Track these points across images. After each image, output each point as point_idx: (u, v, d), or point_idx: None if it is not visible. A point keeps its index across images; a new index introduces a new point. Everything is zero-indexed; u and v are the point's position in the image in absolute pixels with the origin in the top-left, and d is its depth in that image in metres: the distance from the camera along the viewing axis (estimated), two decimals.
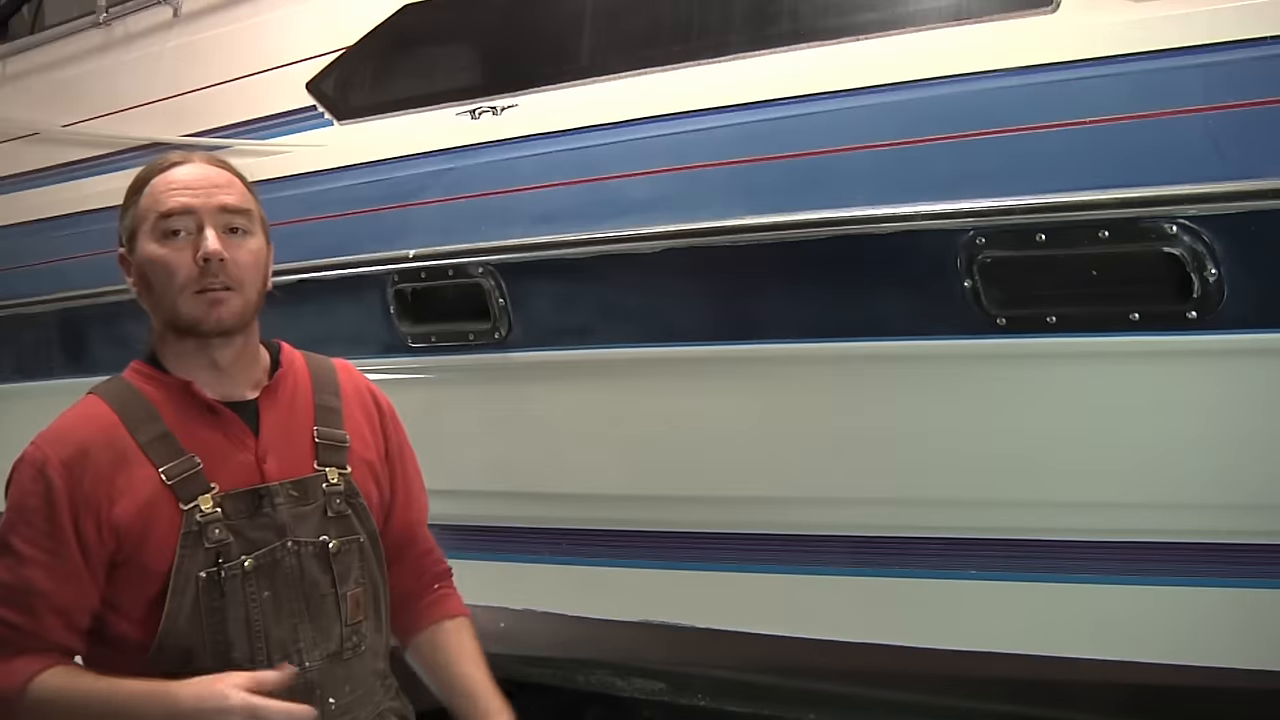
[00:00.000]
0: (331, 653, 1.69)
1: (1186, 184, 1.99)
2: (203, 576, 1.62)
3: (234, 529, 1.64)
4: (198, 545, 1.62)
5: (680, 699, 2.88)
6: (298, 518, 1.68)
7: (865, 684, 2.64)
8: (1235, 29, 1.95)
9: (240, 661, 1.62)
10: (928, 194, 2.20)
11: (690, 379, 2.60)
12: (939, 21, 2.28)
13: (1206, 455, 2.19)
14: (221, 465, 1.66)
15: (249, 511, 1.66)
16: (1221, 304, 2.03)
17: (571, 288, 2.68)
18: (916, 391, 2.39)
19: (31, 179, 3.79)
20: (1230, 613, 2.26)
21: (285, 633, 1.66)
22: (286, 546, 1.67)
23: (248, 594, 1.64)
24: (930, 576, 2.51)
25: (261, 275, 1.72)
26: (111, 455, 1.64)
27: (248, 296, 1.68)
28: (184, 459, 1.64)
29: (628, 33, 2.71)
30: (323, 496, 1.70)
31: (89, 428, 1.66)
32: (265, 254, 1.73)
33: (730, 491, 2.67)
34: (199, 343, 1.68)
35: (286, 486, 1.68)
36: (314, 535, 1.69)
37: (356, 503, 1.74)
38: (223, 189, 1.69)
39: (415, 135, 2.86)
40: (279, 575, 1.66)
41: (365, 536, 1.74)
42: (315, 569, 1.68)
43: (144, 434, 1.65)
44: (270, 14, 3.29)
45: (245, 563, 1.64)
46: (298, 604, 1.67)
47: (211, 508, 1.63)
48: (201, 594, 1.62)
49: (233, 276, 1.65)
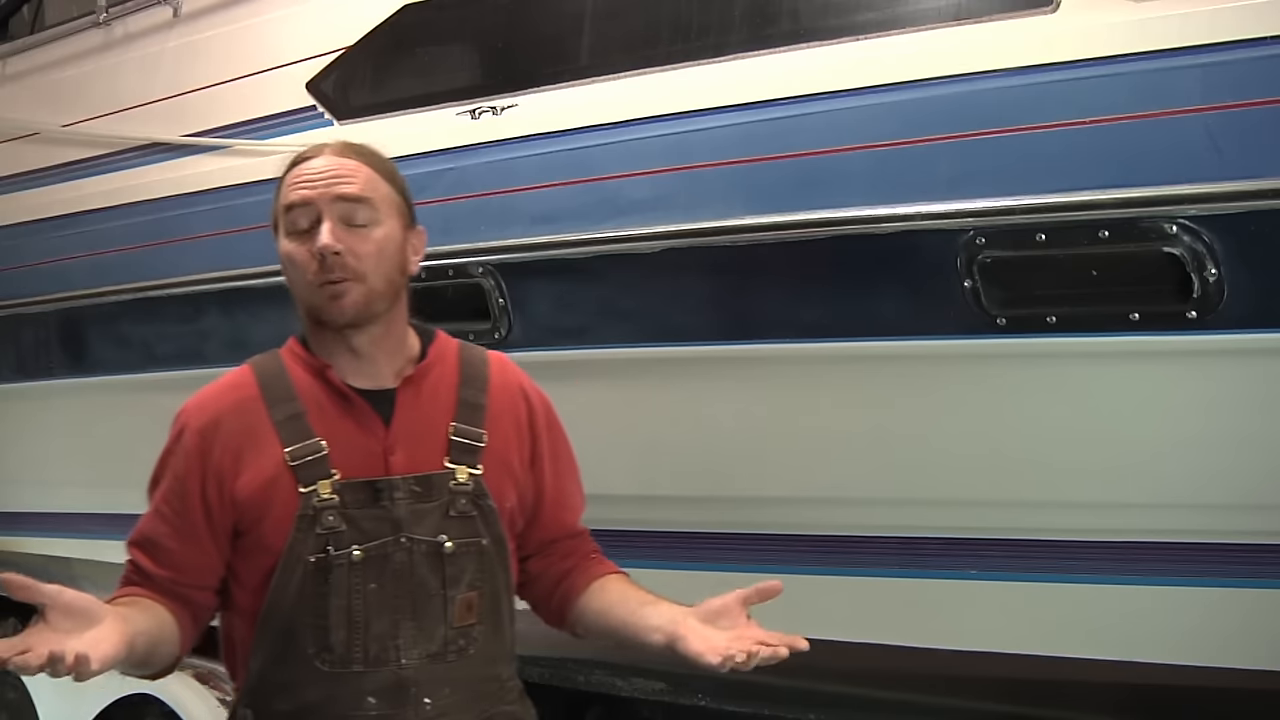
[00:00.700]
0: (433, 653, 1.67)
1: (1186, 184, 1.99)
2: (311, 561, 1.64)
3: (348, 518, 1.64)
4: (310, 530, 1.64)
5: (680, 699, 2.88)
6: (416, 514, 1.67)
7: (865, 684, 2.64)
8: (1235, 29, 1.95)
9: (337, 648, 1.64)
10: (928, 194, 2.20)
11: (690, 379, 2.60)
12: (939, 21, 2.27)
13: (1206, 455, 2.19)
14: (347, 452, 1.67)
15: (366, 502, 1.65)
16: (1221, 304, 2.03)
17: (571, 288, 2.68)
18: (916, 391, 2.39)
19: (31, 179, 3.79)
20: (1230, 613, 2.26)
21: (385, 627, 1.65)
22: (399, 542, 1.66)
23: (352, 584, 1.64)
24: (930, 576, 2.50)
25: (390, 263, 1.69)
26: (244, 428, 1.69)
27: (372, 286, 1.66)
28: (310, 442, 1.66)
29: (627, 32, 2.71)
30: (447, 495, 1.68)
31: (229, 398, 1.73)
32: (397, 240, 1.71)
33: (729, 491, 2.66)
34: (334, 331, 1.69)
35: (409, 481, 1.67)
36: (430, 534, 1.67)
37: (484, 505, 1.70)
38: (344, 179, 1.68)
39: (415, 135, 2.86)
40: (387, 570, 1.65)
41: (489, 540, 1.70)
42: (425, 568, 1.66)
43: (279, 412, 1.69)
44: (270, 14, 3.29)
45: (354, 553, 1.64)
46: (403, 601, 1.66)
47: (329, 494, 1.65)
48: (308, 578, 1.64)
49: (351, 268, 1.65)
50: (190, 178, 3.26)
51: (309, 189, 1.67)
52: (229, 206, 3.13)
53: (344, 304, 1.65)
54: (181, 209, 3.25)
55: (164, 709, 3.45)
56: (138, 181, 3.41)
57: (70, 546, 4.03)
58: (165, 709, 3.44)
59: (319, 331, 1.72)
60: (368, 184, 1.69)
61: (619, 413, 2.72)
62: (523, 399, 1.81)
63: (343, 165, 1.69)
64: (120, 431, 3.66)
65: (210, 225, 3.17)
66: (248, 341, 3.14)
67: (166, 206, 3.30)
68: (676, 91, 2.51)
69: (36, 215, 3.72)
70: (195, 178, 3.24)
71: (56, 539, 4.08)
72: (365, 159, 1.72)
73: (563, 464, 1.86)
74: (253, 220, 3.04)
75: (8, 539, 4.30)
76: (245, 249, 3.05)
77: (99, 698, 3.60)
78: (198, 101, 3.33)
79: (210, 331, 3.26)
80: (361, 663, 1.64)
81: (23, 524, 4.22)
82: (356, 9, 3.05)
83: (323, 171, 1.68)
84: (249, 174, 3.09)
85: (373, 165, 1.72)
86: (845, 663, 2.58)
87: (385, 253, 1.68)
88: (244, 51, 3.29)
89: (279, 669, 1.68)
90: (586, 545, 1.90)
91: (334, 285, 1.65)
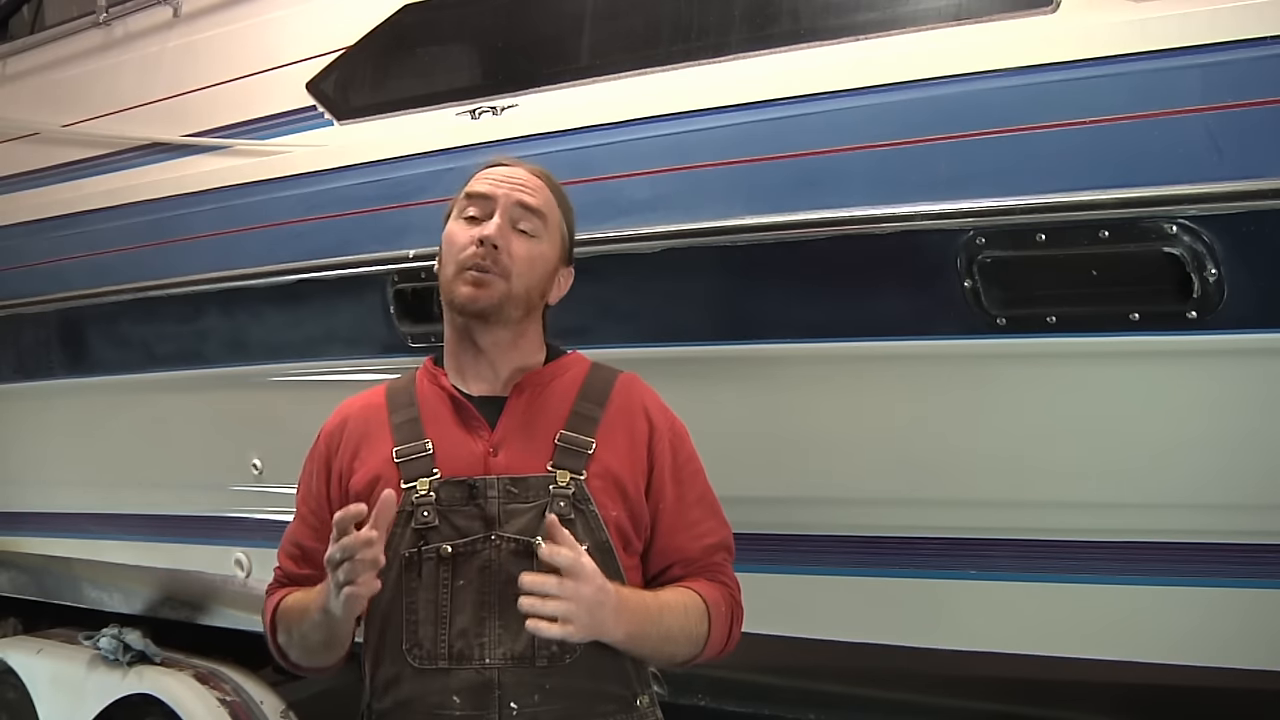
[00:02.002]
0: (518, 655, 1.66)
1: (1186, 184, 1.99)
2: (405, 555, 1.69)
3: (443, 514, 1.69)
4: (408, 525, 1.70)
5: (680, 699, 2.88)
6: (511, 513, 1.69)
7: (865, 684, 2.64)
8: (1235, 29, 1.95)
9: (425, 642, 1.68)
10: (928, 194, 2.20)
11: (689, 379, 2.60)
12: (939, 21, 2.28)
13: (1206, 455, 2.19)
14: (452, 453, 1.73)
15: (461, 500, 1.70)
16: (1221, 304, 2.03)
17: (571, 288, 2.68)
18: (916, 391, 2.39)
19: (31, 179, 3.79)
20: (1230, 613, 2.26)
21: (470, 623, 1.67)
22: (490, 539, 1.68)
23: (440, 579, 1.68)
24: (930, 576, 2.50)
25: (537, 275, 1.77)
26: (365, 429, 1.79)
27: (513, 287, 1.74)
28: (418, 442, 1.74)
29: (628, 32, 2.71)
30: (546, 497, 1.69)
31: (357, 404, 1.85)
32: (551, 262, 1.80)
33: (729, 491, 2.65)
34: (465, 324, 1.76)
35: (505, 481, 1.70)
36: (524, 533, 1.68)
37: (587, 510, 1.71)
38: (526, 189, 1.78)
39: (415, 135, 2.86)
40: (475, 566, 1.68)
41: (590, 546, 1.68)
42: (514, 567, 1.65)
43: (398, 416, 1.78)
44: (270, 14, 3.29)
45: (444, 548, 1.68)
46: (490, 598, 1.67)
47: (426, 491, 1.70)
48: (403, 572, 1.69)
49: (502, 264, 1.73)
50: (190, 178, 3.26)
51: (494, 186, 1.78)
52: (229, 206, 3.12)
53: (481, 294, 1.72)
54: (181, 209, 3.25)
55: (164, 709, 3.45)
56: (138, 181, 3.41)
57: (70, 546, 4.03)
58: (165, 709, 3.44)
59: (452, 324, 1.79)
60: (546, 203, 1.80)
61: None
62: (644, 418, 1.82)
63: (530, 178, 1.81)
64: (120, 431, 3.67)
65: (210, 225, 3.17)
66: (248, 342, 3.15)
67: (166, 206, 3.29)
68: (676, 91, 2.51)
69: (36, 215, 3.71)
70: (195, 178, 3.24)
71: (56, 539, 4.08)
72: (551, 187, 1.83)
73: (687, 489, 1.84)
74: (253, 220, 3.06)
75: (8, 539, 4.30)
76: (245, 249, 3.06)
77: (99, 698, 3.60)
78: (198, 101, 3.33)
79: (210, 331, 3.25)
80: (446, 659, 1.67)
81: (23, 524, 4.21)
82: (356, 9, 3.05)
83: (511, 177, 1.79)
84: (249, 174, 3.09)
85: (555, 194, 1.83)
86: (845, 663, 2.58)
87: (536, 265, 1.77)
88: (244, 51, 3.29)
89: (382, 666, 1.73)
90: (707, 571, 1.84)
91: (481, 273, 1.72)
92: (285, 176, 3.02)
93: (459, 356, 1.80)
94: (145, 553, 3.72)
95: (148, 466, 3.63)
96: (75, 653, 3.77)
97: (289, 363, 3.08)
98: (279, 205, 3.01)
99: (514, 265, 1.74)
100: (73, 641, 3.86)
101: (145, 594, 3.84)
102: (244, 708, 3.38)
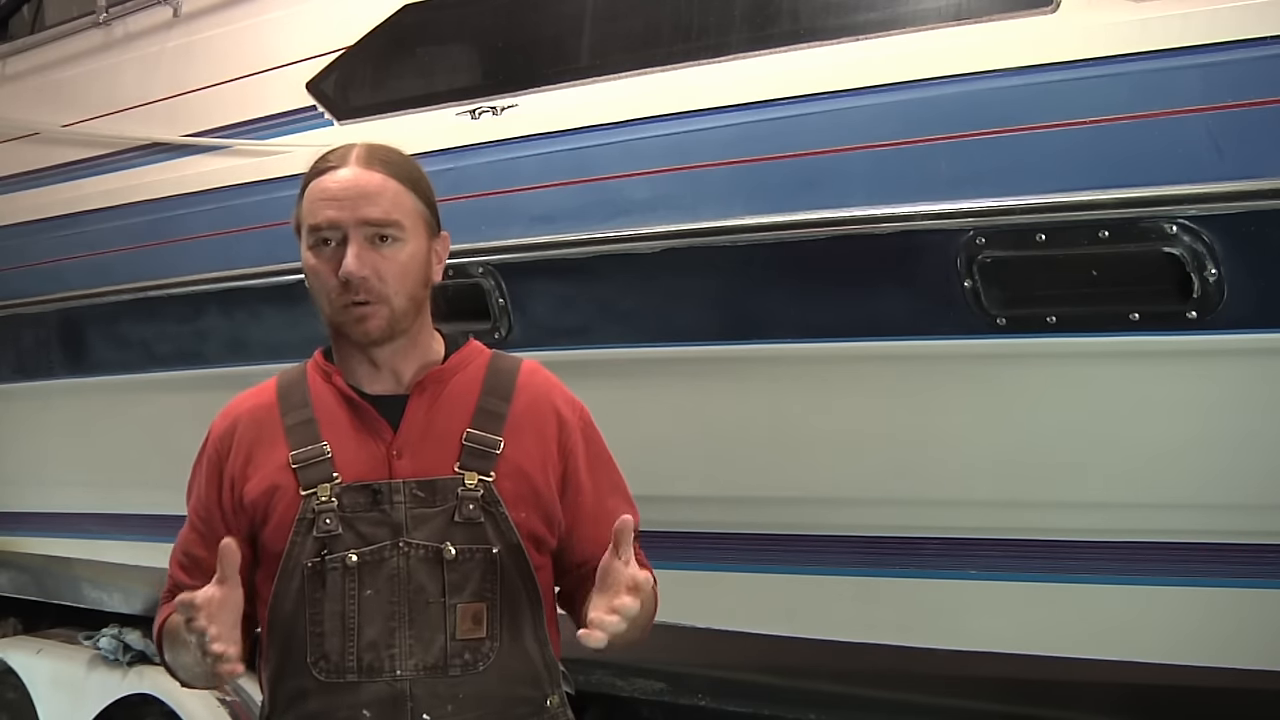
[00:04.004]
0: (430, 665, 1.61)
1: (1186, 184, 1.99)
2: (308, 565, 1.62)
3: (346, 521, 1.61)
4: (308, 533, 1.62)
5: (680, 699, 2.88)
6: (418, 519, 1.62)
7: (865, 684, 2.64)
8: (1235, 29, 1.95)
9: (332, 655, 1.61)
10: (928, 194, 2.20)
11: (690, 379, 2.60)
12: (939, 21, 2.28)
13: (1206, 455, 2.19)
14: (351, 456, 1.65)
15: (365, 506, 1.62)
16: (1221, 304, 2.03)
17: (571, 288, 2.68)
18: (916, 391, 2.39)
19: (31, 179, 3.79)
20: (1230, 613, 2.26)
21: (379, 635, 1.60)
22: (398, 546, 1.61)
23: (347, 589, 1.61)
24: (930, 576, 2.51)
25: (414, 280, 1.66)
26: (256, 433, 1.69)
27: (395, 306, 1.64)
28: (315, 446, 1.65)
29: (628, 32, 2.71)
30: (454, 500, 1.63)
31: (247, 404, 1.74)
32: (422, 256, 1.67)
33: (728, 491, 2.67)
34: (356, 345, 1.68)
35: (411, 485, 1.63)
36: (431, 539, 1.62)
37: (496, 512, 1.64)
38: (370, 199, 1.63)
39: (415, 135, 2.85)
40: (382, 575, 1.61)
41: (501, 548, 1.64)
42: (424, 574, 1.61)
43: (292, 417, 1.69)
44: (270, 14, 3.29)
45: (350, 557, 1.61)
46: (400, 607, 1.61)
47: (328, 497, 1.62)
48: (305, 583, 1.62)
49: (375, 291, 1.62)
50: (190, 178, 3.26)
51: (337, 210, 1.63)
52: (229, 206, 3.13)
53: (369, 326, 1.63)
54: (181, 209, 3.25)
55: (164, 709, 3.45)
56: (138, 181, 3.41)
57: (70, 546, 4.04)
58: (165, 709, 3.44)
59: (340, 341, 1.71)
60: (394, 203, 1.64)
61: (618, 413, 2.72)
62: (553, 414, 1.74)
63: (369, 181, 1.64)
64: (120, 431, 3.67)
65: (210, 225, 3.17)
66: (247, 341, 3.15)
67: (166, 206, 3.30)
68: (676, 91, 2.51)
69: (36, 215, 3.72)
70: (195, 178, 3.24)
71: (56, 539, 4.09)
72: (391, 170, 1.67)
73: (602, 480, 1.79)
74: (253, 220, 3.06)
75: (8, 539, 4.30)
76: (245, 249, 3.06)
77: (99, 698, 3.60)
78: (198, 101, 3.33)
79: (210, 331, 3.26)
80: (355, 672, 1.60)
81: (23, 524, 4.22)
82: (356, 9, 3.05)
83: (349, 188, 1.64)
84: (249, 174, 3.09)
85: (399, 176, 1.67)
86: (845, 663, 2.58)
87: (409, 272, 1.65)
88: (244, 51, 3.29)
89: (285, 680, 1.66)
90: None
91: (359, 307, 1.63)
92: (285, 176, 3.02)
93: (354, 364, 1.70)
94: (145, 553, 3.72)
95: (148, 466, 3.63)
96: (75, 653, 3.77)
97: (289, 363, 3.08)
98: (279, 205, 3.01)
99: (388, 286, 1.62)
100: (73, 641, 3.86)
101: (145, 594, 3.83)
102: (244, 707, 3.37)
